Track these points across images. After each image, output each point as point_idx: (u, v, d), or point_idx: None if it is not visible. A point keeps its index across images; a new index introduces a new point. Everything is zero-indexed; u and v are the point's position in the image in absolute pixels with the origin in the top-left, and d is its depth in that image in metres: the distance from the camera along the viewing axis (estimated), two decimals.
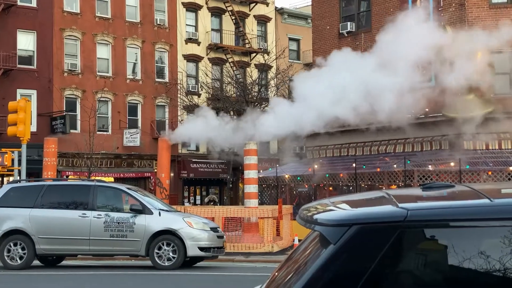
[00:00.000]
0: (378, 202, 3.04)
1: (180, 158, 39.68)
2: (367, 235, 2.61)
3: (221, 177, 40.88)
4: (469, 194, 3.01)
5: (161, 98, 40.11)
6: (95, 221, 15.34)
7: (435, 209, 2.76)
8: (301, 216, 2.99)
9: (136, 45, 39.31)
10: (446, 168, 23.92)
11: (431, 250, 2.65)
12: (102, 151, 34.98)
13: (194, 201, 41.58)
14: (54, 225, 15.51)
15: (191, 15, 42.22)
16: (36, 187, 16.49)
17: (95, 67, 37.66)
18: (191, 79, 41.64)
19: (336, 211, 2.85)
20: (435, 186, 3.10)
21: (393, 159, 25.61)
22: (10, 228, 15.54)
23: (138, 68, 39.47)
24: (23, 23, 35.08)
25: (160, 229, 15.24)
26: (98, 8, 38.01)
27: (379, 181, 25.31)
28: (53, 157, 23.94)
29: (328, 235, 2.65)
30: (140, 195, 16.05)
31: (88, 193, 15.73)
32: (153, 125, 39.24)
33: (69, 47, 36.93)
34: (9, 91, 33.52)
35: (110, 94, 37.97)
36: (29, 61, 35.41)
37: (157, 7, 40.48)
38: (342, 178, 26.67)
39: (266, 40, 45.49)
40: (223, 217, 20.95)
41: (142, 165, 38.79)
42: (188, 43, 41.55)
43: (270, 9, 45.85)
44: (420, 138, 26.05)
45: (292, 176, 28.61)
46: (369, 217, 2.70)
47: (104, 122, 37.84)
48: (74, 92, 36.77)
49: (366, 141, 27.89)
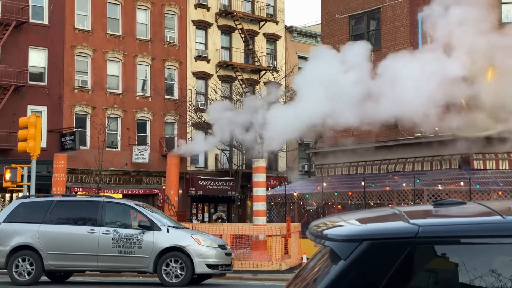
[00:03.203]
0: (389, 218, 3.02)
1: (189, 175, 39.68)
2: (378, 251, 2.60)
3: (230, 195, 40.82)
4: (481, 211, 2.99)
5: (170, 115, 40.22)
6: (104, 237, 15.33)
7: (447, 225, 2.74)
8: (311, 231, 2.98)
9: (146, 62, 39.51)
10: (456, 187, 23.79)
11: (442, 267, 2.63)
12: (111, 167, 35.05)
13: (202, 218, 41.51)
14: (62, 241, 15.50)
15: (201, 33, 42.44)
16: (45, 202, 16.50)
17: (105, 84, 37.84)
18: (200, 96, 41.75)
19: (346, 226, 2.84)
20: (446, 203, 3.08)
21: (403, 178, 25.51)
22: (18, 243, 15.53)
23: (148, 85, 39.64)
24: (34, 40, 35.36)
25: (168, 246, 15.21)
26: (109, 25, 38.28)
27: (388, 199, 25.19)
28: (62, 173, 24.00)
29: (339, 251, 2.63)
30: (148, 212, 16.04)
31: (97, 209, 15.73)
32: (162, 142, 39.32)
33: (80, 64, 37.16)
34: (20, 107, 33.72)
35: (120, 110, 38.12)
36: (40, 77, 35.63)
37: (167, 25, 40.73)
38: (351, 197, 26.57)
39: (275, 58, 45.62)
40: (231, 234, 20.90)
41: (150, 182, 38.81)
42: (197, 60, 41.73)
43: (279, 27, 46.04)
44: (429, 157, 25.97)
45: (300, 194, 28.54)
46: (380, 232, 2.69)
47: (114, 138, 37.95)
48: (84, 109, 36.94)
49: (375, 160, 27.83)
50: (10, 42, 34.02)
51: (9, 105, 33.54)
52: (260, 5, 44.97)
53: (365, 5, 29.75)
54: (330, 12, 31.46)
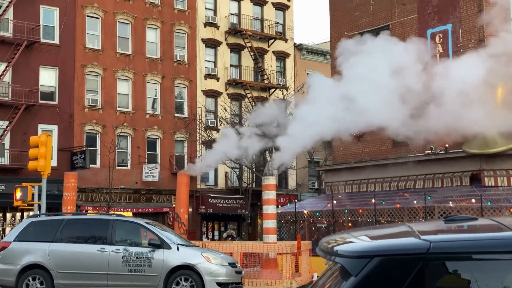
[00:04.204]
0: (400, 234, 3.00)
1: (199, 193, 39.67)
2: (389, 267, 2.57)
3: (240, 213, 40.75)
4: (493, 227, 2.96)
5: (180, 133, 40.31)
6: (114, 256, 15.31)
7: (458, 241, 2.72)
8: (321, 248, 2.96)
9: (156, 80, 39.69)
10: (467, 204, 23.63)
11: (453, 283, 2.60)
12: (121, 186, 35.11)
13: (213, 236, 41.43)
14: (72, 260, 15.49)
15: (211, 51, 42.63)
16: (55, 221, 16.50)
17: (115, 103, 38.02)
18: (210, 114, 41.86)
19: (357, 242, 2.82)
20: (457, 219, 3.06)
21: (413, 195, 25.38)
22: (29, 262, 15.53)
23: (158, 104, 39.79)
24: (45, 60, 35.63)
25: (178, 264, 15.16)
26: (119, 44, 38.54)
27: (399, 217, 25.05)
28: (73, 192, 24.04)
29: (349, 267, 2.61)
30: (158, 230, 16.01)
31: (107, 228, 15.73)
32: (172, 160, 39.37)
33: (90, 82, 37.38)
34: (31, 126, 33.91)
35: (130, 129, 38.25)
36: (50, 96, 35.84)
37: (177, 43, 40.95)
38: (362, 214, 26.45)
39: (284, 75, 45.73)
40: (241, 252, 20.81)
41: (160, 200, 38.82)
42: (207, 78, 41.89)
43: (289, 45, 46.19)
44: (440, 174, 25.85)
45: (311, 211, 28.44)
46: (391, 248, 2.67)
47: (124, 157, 38.04)
48: (94, 127, 37.09)
49: (385, 177, 27.73)
50: (21, 62, 34.29)
51: (20, 124, 33.75)
52: (269, 23, 45.17)
53: (374, 22, 29.81)
54: (339, 29, 31.53)
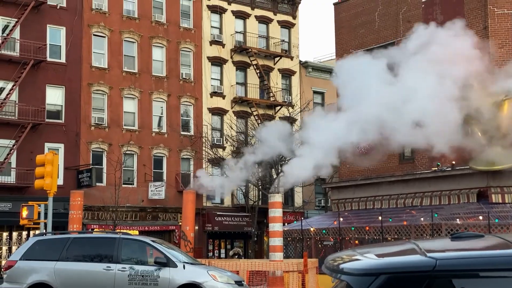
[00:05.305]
0: (406, 252, 2.98)
1: (205, 211, 39.62)
2: (395, 284, 2.56)
3: (246, 230, 40.65)
4: (499, 244, 2.94)
5: (186, 151, 40.35)
6: (120, 274, 15.26)
7: (465, 258, 2.70)
8: (327, 265, 2.95)
9: (162, 98, 39.82)
10: (474, 221, 23.52)
11: None
12: (127, 204, 35.10)
13: (219, 254, 41.30)
14: (78, 278, 15.45)
15: (216, 69, 42.78)
16: (61, 240, 16.49)
17: (121, 121, 38.13)
18: (216, 132, 41.92)
19: (363, 260, 2.80)
20: (464, 236, 3.04)
21: (420, 212, 25.29)
22: (35, 281, 15.49)
23: (164, 122, 39.88)
24: (52, 78, 35.81)
25: (184, 282, 15.10)
26: (126, 63, 38.72)
27: (406, 234, 24.95)
28: (79, 210, 24.05)
29: (355, 285, 2.59)
30: (164, 248, 15.97)
31: (113, 246, 15.70)
32: (178, 178, 39.37)
33: (97, 101, 37.52)
34: (37, 145, 34.01)
35: (136, 147, 38.32)
36: (57, 115, 35.98)
37: (183, 62, 41.12)
38: (368, 231, 26.35)
39: (290, 93, 45.79)
40: (247, 270, 20.74)
41: (166, 218, 38.77)
42: (213, 96, 42.00)
43: (294, 62, 46.31)
44: (447, 191, 25.77)
45: (317, 229, 28.36)
46: (397, 266, 2.65)
47: (130, 175, 38.07)
48: (100, 146, 37.17)
49: (392, 194, 27.66)
50: (27, 81, 34.48)
51: (26, 142, 33.85)
52: (275, 41, 45.33)
53: (379, 39, 29.89)
54: (344, 47, 31.63)
